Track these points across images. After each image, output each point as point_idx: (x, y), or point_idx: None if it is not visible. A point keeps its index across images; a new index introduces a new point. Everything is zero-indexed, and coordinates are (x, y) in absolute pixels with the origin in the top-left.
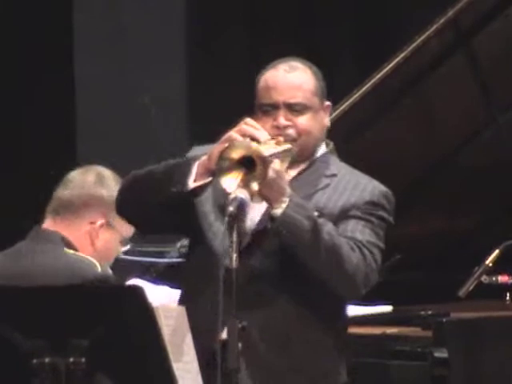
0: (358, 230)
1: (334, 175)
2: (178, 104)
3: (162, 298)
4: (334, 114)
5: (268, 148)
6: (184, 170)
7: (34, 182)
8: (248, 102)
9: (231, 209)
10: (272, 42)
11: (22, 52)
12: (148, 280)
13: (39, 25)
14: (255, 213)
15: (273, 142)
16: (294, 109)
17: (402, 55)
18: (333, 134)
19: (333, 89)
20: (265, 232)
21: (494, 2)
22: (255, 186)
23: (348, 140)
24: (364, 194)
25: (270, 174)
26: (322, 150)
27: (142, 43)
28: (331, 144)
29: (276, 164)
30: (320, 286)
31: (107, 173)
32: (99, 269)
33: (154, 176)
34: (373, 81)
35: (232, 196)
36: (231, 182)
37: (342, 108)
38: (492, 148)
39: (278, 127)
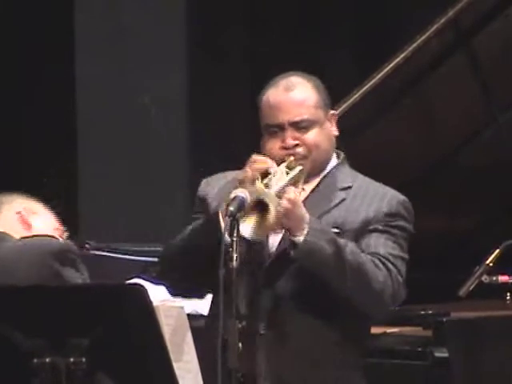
0: (380, 244)
1: (349, 187)
2: (178, 104)
3: (162, 297)
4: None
5: (279, 179)
6: (212, 228)
7: (33, 181)
8: (248, 101)
9: (231, 209)
10: (272, 41)
11: (23, 52)
12: (147, 279)
13: (40, 25)
14: (275, 236)
15: (283, 165)
16: (300, 126)
17: (402, 55)
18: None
19: (333, 89)
20: (285, 254)
21: (493, 2)
22: (271, 220)
23: (348, 140)
24: (382, 206)
25: (286, 205)
26: (334, 161)
27: (142, 43)
28: (342, 154)
29: (290, 193)
30: (344, 306)
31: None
32: (61, 241)
33: (189, 244)
34: (373, 81)
35: (232, 196)
36: (249, 229)
37: (341, 108)
38: (492, 148)
39: (286, 148)
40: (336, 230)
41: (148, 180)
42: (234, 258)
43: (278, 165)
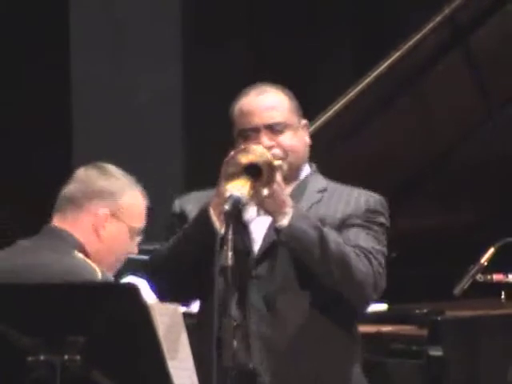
0: (360, 237)
1: (325, 190)
2: (175, 100)
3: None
4: (331, 111)
5: None
6: (203, 223)
7: (31, 181)
8: None
9: (227, 207)
10: (270, 37)
11: (22, 50)
12: (143, 277)
13: (35, 22)
14: (261, 227)
15: None
16: (275, 129)
17: (399, 53)
18: (331, 130)
19: (332, 87)
20: (273, 246)
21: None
22: (265, 191)
23: (346, 137)
24: (360, 203)
25: (273, 185)
26: (307, 170)
27: (138, 40)
28: (314, 165)
29: (277, 175)
30: (333, 296)
31: (110, 167)
32: (99, 276)
33: (179, 248)
34: (369, 78)
35: (227, 195)
36: (240, 189)
37: (339, 105)
38: (489, 145)
39: None
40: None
41: (143, 177)
42: (229, 256)
43: None
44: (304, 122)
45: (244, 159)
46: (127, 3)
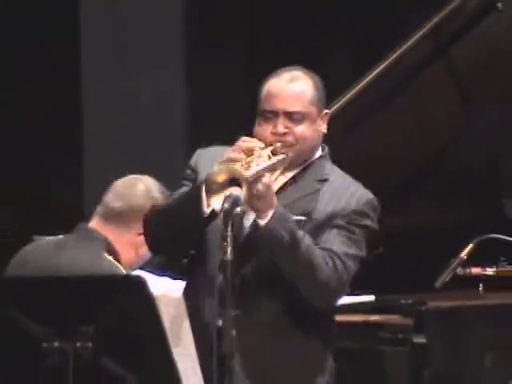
0: (336, 241)
1: (326, 180)
2: (176, 100)
3: (163, 288)
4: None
5: (261, 161)
6: (194, 197)
7: (31, 181)
8: (245, 97)
9: (226, 206)
10: (271, 37)
11: (27, 50)
12: (149, 271)
13: (45, 21)
14: (249, 219)
15: (269, 149)
16: (293, 117)
17: (392, 58)
18: (330, 130)
19: (332, 87)
20: (255, 238)
21: (474, 12)
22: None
23: (343, 138)
24: (350, 202)
25: (260, 187)
26: (318, 153)
27: (143, 38)
28: (326, 148)
29: (266, 178)
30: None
31: (154, 185)
32: None
33: (171, 213)
34: (367, 79)
35: (227, 194)
36: (219, 203)
37: (337, 105)
38: (482, 146)
39: (276, 134)
40: (302, 218)
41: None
42: (228, 251)
43: (266, 147)
44: (325, 112)
45: (219, 178)
46: (132, 1)
